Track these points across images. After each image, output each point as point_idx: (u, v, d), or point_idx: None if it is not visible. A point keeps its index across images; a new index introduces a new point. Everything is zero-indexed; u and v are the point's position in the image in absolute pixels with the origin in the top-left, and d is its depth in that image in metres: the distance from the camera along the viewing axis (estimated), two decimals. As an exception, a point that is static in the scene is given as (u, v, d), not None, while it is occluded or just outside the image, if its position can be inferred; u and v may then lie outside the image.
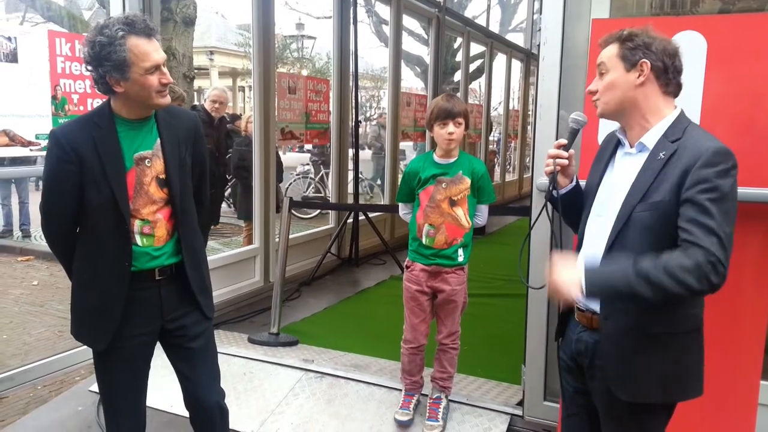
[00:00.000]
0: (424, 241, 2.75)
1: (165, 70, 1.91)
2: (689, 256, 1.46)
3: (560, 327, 1.90)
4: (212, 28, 19.83)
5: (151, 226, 2.00)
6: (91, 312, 2.03)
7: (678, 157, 1.57)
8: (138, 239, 1.99)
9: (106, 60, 1.83)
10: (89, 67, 1.90)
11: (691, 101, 2.28)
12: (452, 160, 2.74)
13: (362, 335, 4.01)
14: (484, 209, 2.82)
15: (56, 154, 1.92)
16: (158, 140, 2.02)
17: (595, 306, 1.69)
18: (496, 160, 12.85)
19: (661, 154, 1.60)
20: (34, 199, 8.27)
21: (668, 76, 1.65)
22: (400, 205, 2.93)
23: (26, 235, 7.81)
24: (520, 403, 2.92)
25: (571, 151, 1.83)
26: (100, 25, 1.87)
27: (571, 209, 1.86)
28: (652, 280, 1.46)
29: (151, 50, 1.87)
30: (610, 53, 1.68)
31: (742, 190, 2.19)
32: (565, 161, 1.82)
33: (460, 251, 2.75)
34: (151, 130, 2.02)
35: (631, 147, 1.71)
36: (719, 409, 2.38)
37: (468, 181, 2.72)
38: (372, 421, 2.93)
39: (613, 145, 1.79)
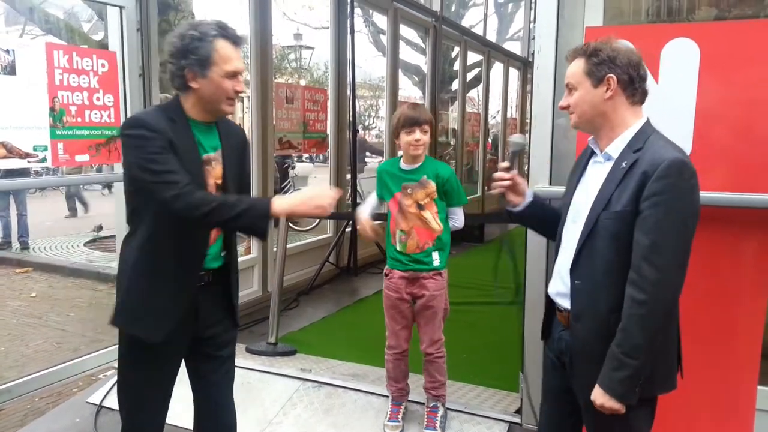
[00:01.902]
0: (397, 247, 2.79)
1: (241, 80, 1.95)
2: (633, 303, 1.58)
3: (545, 326, 1.96)
4: (211, 39, 19.88)
5: None
6: (157, 301, 1.97)
7: (637, 167, 1.63)
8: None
9: (192, 53, 1.87)
10: (171, 60, 1.92)
11: (684, 108, 2.30)
12: (417, 165, 2.78)
13: (360, 344, 4.00)
14: (458, 211, 2.85)
15: (150, 137, 1.84)
16: (220, 147, 2.05)
17: (569, 305, 1.77)
18: (496, 167, 12.86)
19: (623, 164, 1.67)
20: (33, 211, 8.29)
21: (634, 87, 1.71)
22: (372, 195, 2.96)
23: (24, 247, 7.82)
24: (518, 411, 2.91)
25: (514, 171, 1.94)
26: (193, 22, 1.94)
27: (539, 222, 1.98)
28: (633, 347, 1.58)
29: (235, 56, 1.92)
30: (576, 69, 1.75)
31: (739, 196, 2.22)
32: (508, 182, 1.94)
33: (435, 255, 2.77)
34: (215, 136, 2.05)
35: (599, 156, 1.78)
36: (718, 415, 2.38)
37: (433, 185, 2.75)
38: (370, 430, 2.92)
39: (588, 153, 1.86)
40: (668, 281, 1.58)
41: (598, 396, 1.64)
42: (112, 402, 3.29)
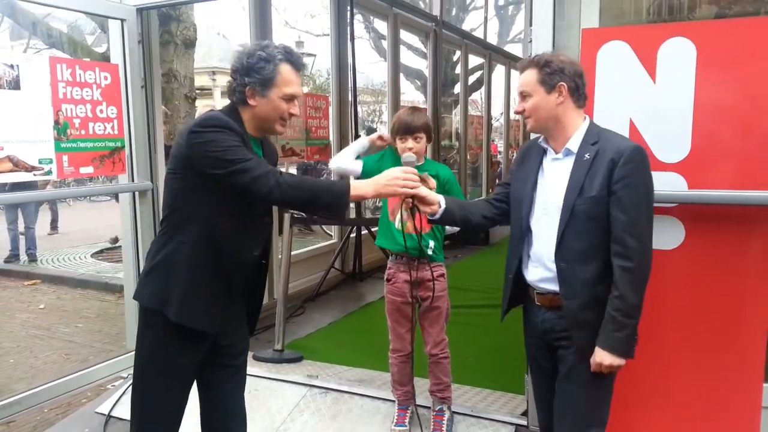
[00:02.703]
0: (396, 224, 2.75)
1: (297, 104, 2.03)
2: (623, 271, 1.85)
3: (506, 311, 2.25)
4: (214, 49, 20.00)
5: None
6: (215, 295, 2.02)
7: (601, 156, 1.89)
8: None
9: (257, 73, 1.96)
10: (235, 75, 2.00)
11: (682, 107, 2.30)
12: (418, 164, 2.76)
13: (366, 349, 4.00)
14: None
15: (228, 133, 1.91)
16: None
17: (556, 287, 1.99)
18: (498, 170, 12.88)
19: (586, 155, 1.93)
20: (41, 223, 8.34)
21: (579, 93, 1.98)
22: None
23: (32, 259, 7.86)
24: (525, 413, 2.91)
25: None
26: (261, 43, 2.02)
27: (457, 222, 2.23)
28: (631, 307, 1.87)
29: (295, 81, 2.01)
30: (530, 79, 1.99)
31: (740, 194, 2.22)
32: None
33: (431, 243, 2.76)
34: (260, 152, 2.11)
35: (557, 153, 2.01)
36: (723, 412, 2.37)
37: (433, 181, 2.70)
38: (377, 436, 2.93)
39: (536, 153, 2.09)
40: (646, 247, 1.88)
41: (605, 357, 1.88)
42: (121, 412, 3.31)
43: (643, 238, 1.86)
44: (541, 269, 2.04)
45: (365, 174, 2.76)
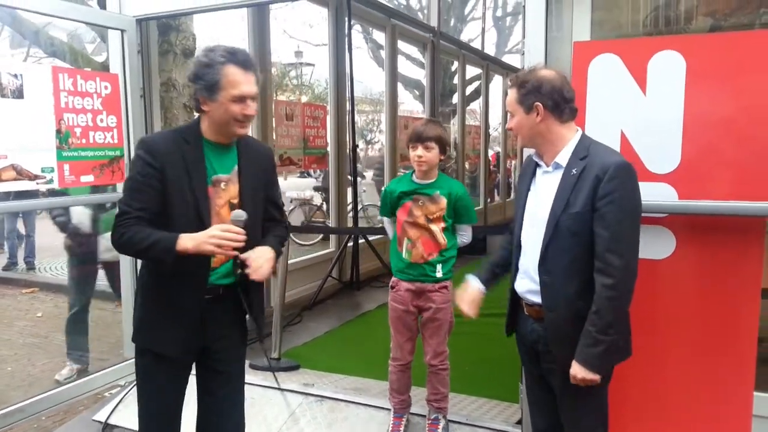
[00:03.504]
0: (403, 254, 2.83)
1: (251, 103, 2.03)
2: (604, 287, 1.85)
3: (510, 324, 2.26)
4: (213, 58, 20.07)
5: None
6: (167, 319, 2.09)
7: (588, 172, 1.90)
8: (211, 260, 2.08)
9: (201, 79, 1.99)
10: (189, 84, 2.09)
11: (672, 119, 2.34)
12: (430, 181, 2.83)
13: (363, 358, 4.02)
14: (467, 229, 2.90)
15: (144, 158, 2.02)
16: (236, 167, 2.14)
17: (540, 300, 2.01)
18: (496, 180, 12.92)
19: (573, 170, 1.93)
20: (40, 232, 8.34)
21: (561, 109, 1.97)
22: (384, 219, 3.01)
23: (30, 267, 7.87)
24: (519, 422, 2.93)
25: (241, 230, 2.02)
26: (206, 48, 2.04)
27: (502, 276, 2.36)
28: (607, 324, 1.85)
29: (242, 81, 1.99)
30: (511, 98, 2.03)
31: (729, 204, 2.26)
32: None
33: (439, 266, 2.81)
34: (232, 156, 2.14)
35: (548, 166, 2.03)
36: (714, 421, 2.39)
37: (444, 201, 2.80)
38: (372, 444, 2.95)
39: (532, 166, 2.12)
40: (629, 265, 1.86)
41: (578, 371, 1.89)
42: (118, 419, 3.33)
43: (625, 255, 1.85)
44: (527, 281, 2.08)
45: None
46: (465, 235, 2.91)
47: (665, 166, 2.37)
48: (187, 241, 1.95)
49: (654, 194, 2.37)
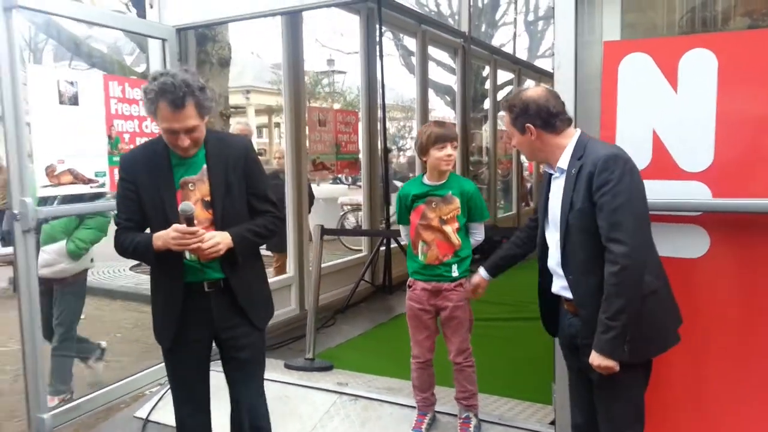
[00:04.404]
0: (419, 257, 2.87)
1: (183, 136, 2.14)
2: (609, 275, 1.90)
3: (548, 323, 2.32)
4: (248, 68, 20.46)
5: None
6: (159, 314, 2.36)
7: (584, 170, 1.99)
8: (186, 254, 2.23)
9: (146, 108, 2.19)
10: None
11: (704, 117, 2.32)
12: (442, 182, 2.85)
13: (396, 359, 4.05)
14: (479, 227, 2.93)
15: (120, 174, 2.34)
16: (205, 166, 2.26)
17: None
18: (529, 186, 12.80)
19: (573, 171, 2.04)
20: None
21: (552, 124, 2.07)
22: (401, 227, 3.05)
23: None
24: (553, 423, 2.92)
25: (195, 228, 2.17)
26: (153, 74, 2.20)
27: (509, 265, 2.73)
28: (616, 310, 1.90)
29: (169, 118, 2.11)
30: (506, 122, 2.18)
31: (765, 202, 2.23)
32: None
33: (454, 267, 2.85)
34: (200, 156, 2.27)
35: (555, 172, 2.14)
36: (753, 423, 2.36)
37: (457, 201, 2.83)
38: (405, 442, 2.98)
39: (547, 174, 2.23)
40: (632, 251, 1.88)
41: (594, 358, 1.96)
42: (159, 416, 3.43)
43: (625, 242, 1.88)
44: (558, 279, 2.17)
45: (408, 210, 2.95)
46: (477, 233, 2.93)
47: (698, 164, 2.36)
48: (156, 240, 2.18)
49: (687, 193, 2.36)
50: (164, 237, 2.15)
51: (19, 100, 2.93)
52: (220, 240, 2.18)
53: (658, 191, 2.37)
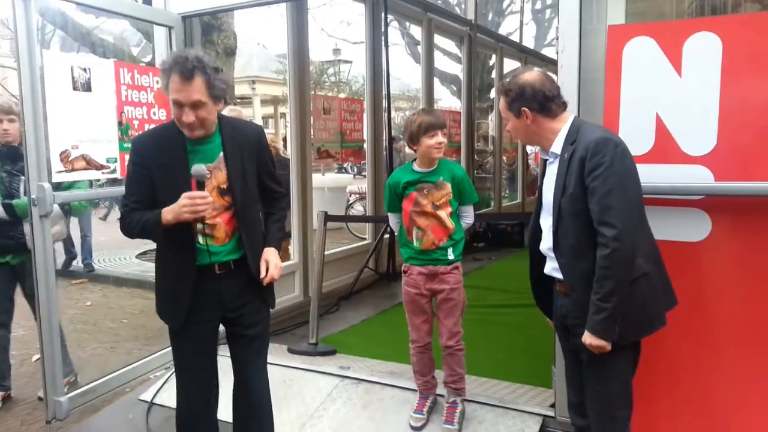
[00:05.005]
0: (414, 243, 2.88)
1: (188, 110, 2.15)
2: (600, 258, 1.93)
3: (543, 306, 2.38)
4: (254, 58, 20.41)
5: (210, 228, 2.28)
6: (168, 297, 2.37)
7: (576, 155, 2.00)
8: (199, 238, 2.27)
9: (162, 80, 2.20)
10: None
11: (708, 101, 2.32)
12: (432, 168, 2.86)
13: (398, 345, 4.05)
14: (469, 209, 2.94)
15: (132, 158, 2.31)
16: (221, 154, 2.28)
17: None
18: (535, 175, 12.78)
19: (566, 155, 2.05)
20: (99, 230, 8.59)
21: (547, 107, 2.09)
22: (390, 215, 3.06)
23: (90, 269, 7.60)
24: (553, 405, 2.94)
25: (205, 193, 2.20)
26: (172, 53, 2.27)
27: None
28: (607, 292, 1.93)
29: (177, 89, 2.13)
30: (502, 106, 2.19)
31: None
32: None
33: (450, 250, 2.87)
34: (215, 144, 2.29)
35: (549, 157, 2.16)
36: (755, 410, 2.38)
37: (449, 186, 2.84)
38: (406, 424, 3.00)
39: (543, 160, 2.24)
40: (622, 234, 1.90)
41: (586, 337, 2.00)
42: (163, 399, 3.47)
43: (615, 226, 1.90)
44: (550, 261, 2.20)
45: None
46: (467, 216, 2.94)
47: (701, 148, 2.36)
48: (166, 215, 2.17)
49: (689, 176, 2.36)
50: (174, 209, 2.15)
51: (38, 85, 2.96)
52: (275, 260, 2.34)
53: (660, 175, 2.38)
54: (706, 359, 2.45)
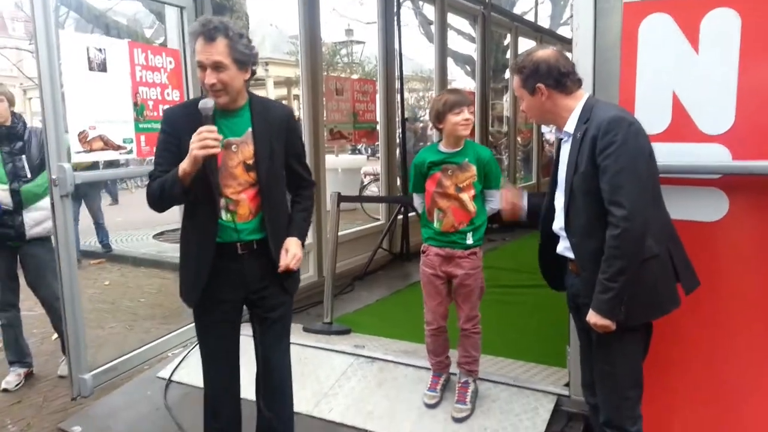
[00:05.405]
0: (435, 224, 2.88)
1: (210, 72, 2.13)
2: (610, 237, 1.92)
3: (556, 279, 2.35)
4: (266, 40, 20.33)
5: (234, 204, 2.26)
6: (187, 272, 2.36)
7: (588, 134, 1.99)
8: (222, 214, 2.25)
9: (189, 45, 2.23)
10: None
11: (726, 79, 2.29)
12: (458, 149, 2.85)
13: (412, 324, 4.09)
14: (495, 194, 2.90)
15: (163, 127, 2.30)
16: (250, 129, 2.28)
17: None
18: (550, 156, 12.69)
19: (578, 134, 2.03)
20: (113, 212, 8.65)
21: (563, 83, 2.08)
22: (414, 195, 3.04)
23: (108, 250, 7.65)
24: (567, 385, 2.96)
25: (212, 127, 2.12)
26: (200, 18, 2.23)
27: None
28: (615, 271, 1.92)
29: (200, 50, 2.13)
30: (516, 84, 2.17)
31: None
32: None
33: (469, 234, 2.85)
34: (245, 119, 2.28)
35: (562, 136, 2.15)
36: None
37: (474, 168, 2.82)
38: (419, 402, 3.04)
39: (558, 139, 2.24)
40: (632, 214, 1.88)
41: (591, 316, 2.01)
42: (181, 376, 3.53)
43: (625, 206, 1.89)
44: (563, 240, 2.19)
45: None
46: (493, 201, 2.90)
47: (718, 126, 2.33)
48: (183, 165, 2.11)
49: (707, 155, 2.34)
50: (189, 154, 2.10)
51: (55, 65, 2.96)
52: (296, 250, 2.32)
53: (677, 154, 2.36)
54: (720, 342, 2.44)
